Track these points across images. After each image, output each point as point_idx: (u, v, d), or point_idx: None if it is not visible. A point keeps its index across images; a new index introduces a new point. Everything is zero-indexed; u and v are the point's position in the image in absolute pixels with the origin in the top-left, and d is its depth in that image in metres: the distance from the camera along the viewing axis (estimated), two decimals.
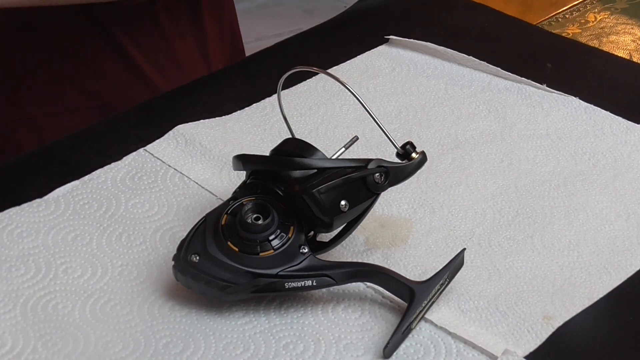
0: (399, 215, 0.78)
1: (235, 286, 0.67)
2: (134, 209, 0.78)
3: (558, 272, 0.73)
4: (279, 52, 1.00)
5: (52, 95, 1.03)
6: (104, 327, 0.68)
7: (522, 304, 0.69)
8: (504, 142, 0.86)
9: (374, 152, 0.81)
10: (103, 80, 1.04)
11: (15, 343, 0.67)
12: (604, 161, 0.84)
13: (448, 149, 0.86)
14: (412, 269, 0.73)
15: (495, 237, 0.76)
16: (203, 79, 0.96)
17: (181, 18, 1.07)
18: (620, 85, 0.94)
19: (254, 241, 0.68)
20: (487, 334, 0.67)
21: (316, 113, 0.90)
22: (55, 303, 0.70)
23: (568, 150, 0.85)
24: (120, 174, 0.82)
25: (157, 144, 0.85)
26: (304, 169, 0.69)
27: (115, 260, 0.74)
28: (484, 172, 0.83)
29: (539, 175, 0.82)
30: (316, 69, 0.74)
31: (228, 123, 0.88)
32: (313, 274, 0.68)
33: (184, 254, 0.68)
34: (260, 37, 2.14)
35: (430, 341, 0.67)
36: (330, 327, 0.68)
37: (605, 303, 0.70)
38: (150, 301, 0.70)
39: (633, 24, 1.09)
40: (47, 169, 0.83)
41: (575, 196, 0.80)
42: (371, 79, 0.95)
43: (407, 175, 0.72)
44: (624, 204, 0.79)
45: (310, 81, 0.94)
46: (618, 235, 0.76)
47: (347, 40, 1.00)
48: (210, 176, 0.81)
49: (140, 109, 0.91)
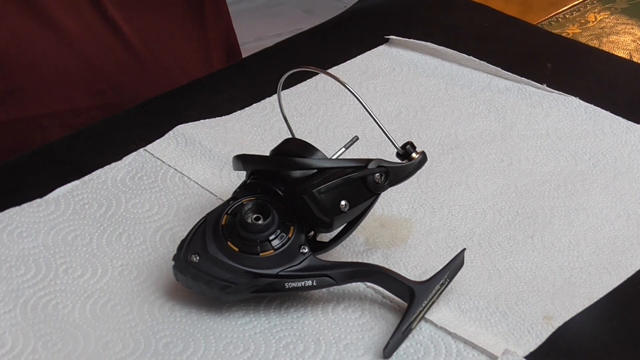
0: (399, 215, 0.78)
1: (235, 286, 0.67)
2: (134, 209, 0.78)
3: (558, 272, 0.73)
4: (279, 52, 1.00)
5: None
6: (104, 327, 0.68)
7: (522, 304, 0.69)
8: (504, 142, 0.86)
9: (374, 152, 0.81)
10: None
11: (15, 343, 0.67)
12: (604, 161, 0.84)
13: (448, 149, 0.86)
14: (412, 268, 0.73)
15: (495, 237, 0.76)
16: (203, 79, 0.95)
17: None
18: (620, 85, 0.94)
19: (254, 241, 0.68)
20: (487, 333, 0.67)
21: (316, 113, 0.90)
22: (55, 303, 0.70)
23: (568, 150, 0.85)
24: (121, 174, 0.82)
25: (157, 144, 0.85)
26: (304, 169, 0.69)
27: (116, 260, 0.74)
28: (484, 172, 0.83)
29: (539, 175, 0.82)
30: (316, 69, 0.74)
31: (228, 123, 0.88)
32: (313, 274, 0.68)
33: (184, 254, 0.68)
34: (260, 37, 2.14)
35: (430, 341, 0.67)
36: (330, 327, 0.68)
37: (606, 303, 0.70)
38: (150, 301, 0.70)
39: (633, 24, 1.09)
40: (47, 169, 0.83)
41: (575, 196, 0.80)
42: (371, 79, 0.95)
43: (407, 175, 0.72)
44: (624, 204, 0.79)
45: (310, 81, 0.94)
46: (618, 235, 0.76)
47: (347, 40, 1.00)
48: (210, 176, 0.81)
49: (140, 109, 0.91)
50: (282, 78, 0.74)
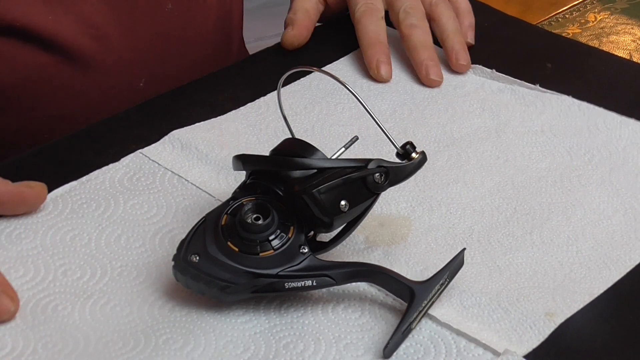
0: (398, 214, 0.78)
1: (235, 286, 0.67)
2: (132, 209, 0.78)
3: (558, 267, 0.73)
4: (279, 52, 1.00)
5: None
6: (104, 328, 0.68)
7: (523, 300, 0.69)
8: (499, 139, 0.86)
9: (374, 152, 0.81)
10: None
11: (15, 345, 0.67)
12: (600, 156, 0.84)
13: (444, 147, 0.86)
14: (413, 265, 0.73)
15: (494, 233, 0.76)
16: (203, 79, 0.95)
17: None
18: (620, 85, 0.94)
19: (254, 241, 0.68)
20: (490, 330, 0.67)
21: (311, 112, 0.90)
22: (54, 304, 0.70)
23: (563, 146, 0.85)
24: (118, 175, 0.81)
25: (154, 148, 0.84)
26: (304, 169, 0.69)
27: (115, 261, 0.73)
28: (480, 169, 0.83)
29: (535, 171, 0.83)
30: (316, 69, 0.74)
31: (223, 124, 0.88)
32: (313, 274, 0.68)
33: (184, 254, 0.68)
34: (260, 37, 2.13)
35: (430, 341, 0.67)
36: (330, 327, 0.68)
37: (606, 301, 0.70)
38: (150, 302, 0.70)
39: (633, 24, 1.09)
40: (46, 169, 0.83)
41: (572, 192, 0.80)
42: (364, 77, 0.95)
43: (407, 175, 0.71)
44: (621, 198, 0.79)
45: (304, 80, 0.94)
46: (616, 230, 0.76)
47: (347, 40, 1.00)
48: (208, 179, 0.81)
49: (140, 109, 0.91)
50: (281, 78, 0.74)
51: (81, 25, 0.96)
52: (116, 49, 0.98)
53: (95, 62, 0.97)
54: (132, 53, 0.99)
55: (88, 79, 0.97)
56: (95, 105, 0.99)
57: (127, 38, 0.99)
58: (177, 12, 1.02)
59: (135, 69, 1.00)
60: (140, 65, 1.00)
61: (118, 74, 0.99)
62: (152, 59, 1.01)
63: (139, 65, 1.00)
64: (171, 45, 1.02)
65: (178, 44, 1.03)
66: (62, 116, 0.98)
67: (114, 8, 0.97)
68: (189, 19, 1.03)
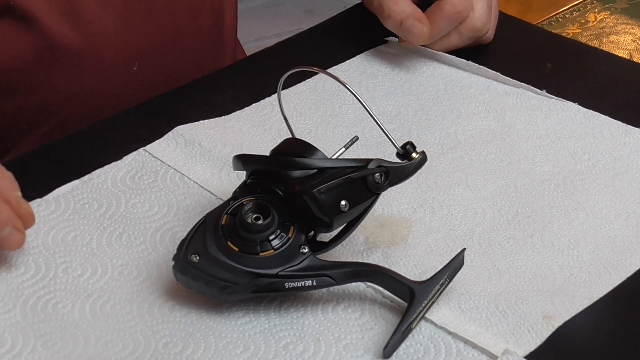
0: (399, 215, 0.78)
1: (235, 286, 0.67)
2: (134, 208, 0.78)
3: (558, 271, 0.73)
4: (279, 52, 1.00)
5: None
6: (104, 326, 0.68)
7: (522, 303, 0.69)
8: (503, 142, 0.86)
9: (374, 152, 0.81)
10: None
11: (14, 342, 0.67)
12: (603, 161, 0.84)
13: (447, 149, 0.86)
14: (412, 268, 0.73)
15: (495, 236, 0.76)
16: (203, 79, 0.95)
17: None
18: (620, 85, 0.93)
19: (254, 241, 0.68)
20: (488, 333, 0.67)
21: (315, 113, 0.90)
22: (55, 302, 0.70)
23: (567, 151, 0.85)
24: (120, 173, 0.81)
25: (157, 145, 0.84)
26: (304, 169, 0.69)
27: (115, 259, 0.74)
28: (483, 171, 0.83)
29: (539, 174, 0.82)
30: (316, 69, 0.74)
31: (227, 123, 0.88)
32: (313, 274, 0.68)
33: (184, 254, 0.68)
34: (260, 37, 2.13)
35: (430, 341, 0.67)
36: (330, 327, 0.68)
37: (606, 303, 0.70)
38: (150, 301, 0.70)
39: (633, 24, 1.09)
40: (47, 169, 0.83)
41: (574, 196, 0.80)
42: (370, 78, 0.95)
43: (407, 175, 0.71)
44: (624, 203, 0.79)
45: (310, 81, 0.94)
46: (618, 235, 0.76)
47: (347, 40, 1.00)
48: (210, 176, 0.81)
49: (140, 109, 0.91)
50: (282, 78, 0.74)
51: (73, 8, 0.96)
52: (108, 33, 0.98)
53: (89, 45, 0.97)
54: (123, 38, 1.00)
55: (82, 62, 0.98)
56: (90, 90, 0.99)
57: (119, 23, 0.99)
58: (170, 1, 1.02)
59: (127, 54, 1.00)
60: (132, 51, 1.00)
61: (111, 58, 0.99)
62: (144, 45, 1.01)
63: (131, 51, 1.00)
64: (164, 33, 1.02)
65: (171, 32, 1.03)
66: (57, 101, 0.98)
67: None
68: (182, 7, 1.03)
